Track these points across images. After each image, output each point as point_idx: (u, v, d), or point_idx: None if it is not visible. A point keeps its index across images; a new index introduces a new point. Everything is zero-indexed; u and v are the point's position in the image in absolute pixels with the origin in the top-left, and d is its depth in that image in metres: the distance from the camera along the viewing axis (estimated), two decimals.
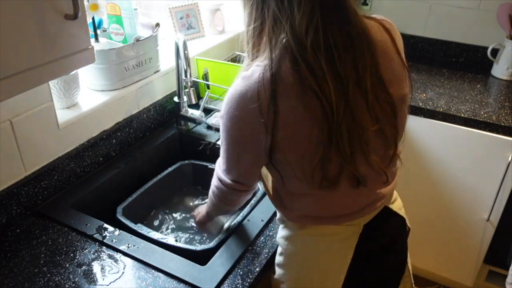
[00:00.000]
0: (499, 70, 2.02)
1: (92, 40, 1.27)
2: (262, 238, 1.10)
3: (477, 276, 2.01)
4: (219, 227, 1.18)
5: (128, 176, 1.38)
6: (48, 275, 0.98)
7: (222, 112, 0.85)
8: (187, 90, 1.47)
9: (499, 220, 1.81)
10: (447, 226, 1.94)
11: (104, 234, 1.09)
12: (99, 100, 1.32)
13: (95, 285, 0.96)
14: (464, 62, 2.17)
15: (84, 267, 1.00)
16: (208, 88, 1.67)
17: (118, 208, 1.20)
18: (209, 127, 1.57)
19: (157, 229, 1.30)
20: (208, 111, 1.63)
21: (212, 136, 1.53)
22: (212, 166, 1.41)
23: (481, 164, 1.75)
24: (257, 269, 1.01)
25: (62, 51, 0.81)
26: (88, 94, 1.34)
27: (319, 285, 0.97)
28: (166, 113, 1.58)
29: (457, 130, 1.73)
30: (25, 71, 0.75)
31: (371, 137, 0.83)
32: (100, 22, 1.44)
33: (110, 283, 0.96)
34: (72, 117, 1.23)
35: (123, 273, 0.99)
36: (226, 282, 0.97)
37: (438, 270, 2.08)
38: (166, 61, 1.56)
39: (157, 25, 1.47)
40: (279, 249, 1.03)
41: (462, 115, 1.71)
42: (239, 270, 1.01)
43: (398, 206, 1.04)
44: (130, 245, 1.06)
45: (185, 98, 1.52)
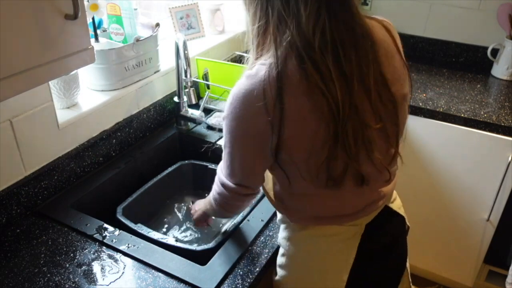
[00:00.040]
0: (499, 70, 2.02)
1: (92, 40, 1.27)
2: (262, 238, 1.10)
3: (477, 276, 2.01)
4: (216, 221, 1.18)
5: (128, 176, 1.38)
6: (48, 275, 0.98)
7: (226, 113, 0.84)
8: (187, 90, 1.47)
9: (499, 220, 1.81)
10: (447, 226, 1.94)
11: (104, 234, 1.09)
12: (99, 100, 1.32)
13: (95, 285, 0.96)
14: (464, 62, 2.17)
15: (84, 267, 1.00)
16: (208, 88, 1.67)
17: (118, 208, 1.20)
18: (209, 127, 1.57)
19: (157, 229, 1.30)
20: (208, 111, 1.63)
21: (212, 136, 1.53)
22: (212, 166, 1.41)
23: (481, 164, 1.75)
24: (257, 269, 1.01)
25: (62, 51, 0.81)
26: (88, 94, 1.34)
27: (322, 286, 0.96)
28: (166, 113, 1.58)
29: (457, 130, 1.73)
30: (25, 71, 0.75)
31: (374, 135, 0.83)
32: (100, 22, 1.44)
33: (110, 283, 0.96)
34: (72, 117, 1.23)
35: (123, 273, 0.99)
36: (226, 282, 0.97)
37: (438, 270, 2.08)
38: (166, 61, 1.56)
39: (157, 25, 1.47)
40: (281, 250, 1.03)
41: (462, 115, 1.71)
42: (239, 270, 1.01)
43: (398, 205, 1.05)
44: (130, 245, 1.06)
45: (185, 98, 1.52)
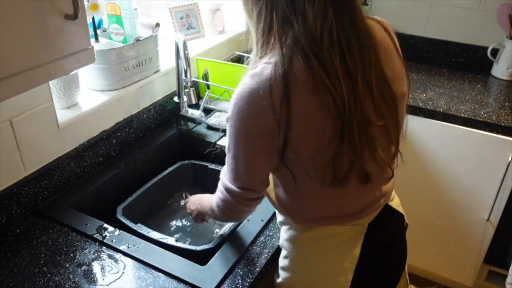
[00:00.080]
0: (499, 70, 2.02)
1: (92, 40, 1.27)
2: (262, 238, 1.10)
3: (477, 276, 2.01)
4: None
5: (128, 176, 1.38)
6: (48, 275, 0.98)
7: (230, 114, 0.82)
8: (187, 90, 1.47)
9: (499, 220, 1.81)
10: (447, 226, 1.94)
11: (104, 234, 1.09)
12: (99, 100, 1.32)
13: (95, 285, 0.96)
14: (464, 62, 2.17)
15: (84, 267, 1.00)
16: (208, 88, 1.67)
17: (118, 208, 1.20)
18: (209, 127, 1.57)
19: (157, 229, 1.30)
20: (208, 111, 1.63)
21: (212, 136, 1.53)
22: (212, 166, 1.41)
23: (481, 164, 1.75)
24: (257, 269, 1.01)
25: (62, 51, 0.81)
26: (88, 94, 1.34)
27: (327, 287, 0.96)
28: (166, 113, 1.58)
29: (457, 130, 1.73)
30: (25, 71, 0.75)
31: (377, 133, 0.84)
32: (100, 22, 1.44)
33: (110, 283, 0.96)
34: (72, 117, 1.23)
35: (123, 273, 0.99)
36: (226, 282, 0.97)
37: (438, 270, 2.08)
38: (166, 61, 1.56)
39: (157, 25, 1.47)
40: (284, 252, 1.02)
41: (462, 115, 1.71)
42: (239, 270, 1.01)
43: (397, 203, 1.05)
44: (130, 245, 1.06)
45: (185, 98, 1.52)
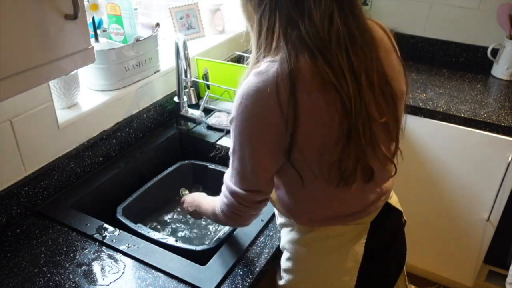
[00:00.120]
0: (499, 70, 2.02)
1: (92, 40, 1.27)
2: (262, 238, 1.10)
3: (477, 276, 2.01)
4: None
5: (128, 176, 1.38)
6: (48, 275, 0.98)
7: (234, 114, 0.81)
8: (187, 90, 1.47)
9: (499, 220, 1.81)
10: (447, 226, 1.94)
11: (104, 234, 1.09)
12: (99, 100, 1.32)
13: (95, 285, 0.96)
14: (464, 62, 2.17)
15: (84, 267, 1.00)
16: (208, 88, 1.67)
17: (118, 208, 1.20)
18: (209, 127, 1.57)
19: (157, 229, 1.30)
20: (208, 111, 1.63)
21: (212, 136, 1.53)
22: (212, 166, 1.41)
23: (481, 164, 1.75)
24: (257, 269, 1.01)
25: (62, 51, 0.81)
26: (88, 94, 1.34)
27: (332, 287, 0.96)
28: (166, 113, 1.58)
29: (457, 130, 1.73)
30: (25, 71, 0.75)
31: (379, 130, 0.84)
32: (100, 22, 1.44)
33: (110, 283, 0.96)
34: (72, 117, 1.23)
35: (123, 273, 0.99)
36: (226, 282, 0.97)
37: (438, 270, 2.08)
38: (166, 61, 1.56)
39: (157, 25, 1.47)
40: (286, 254, 1.01)
41: (462, 115, 1.71)
42: (239, 270, 1.01)
43: (395, 201, 1.06)
44: (130, 245, 1.06)
45: (185, 98, 1.52)
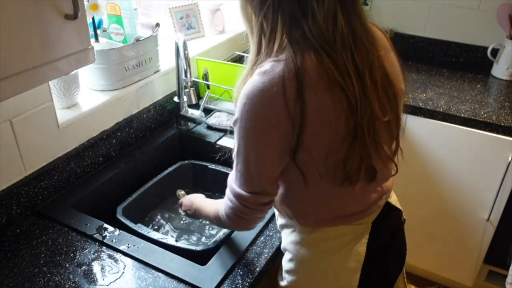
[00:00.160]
0: (499, 70, 2.02)
1: (92, 40, 1.27)
2: (262, 238, 1.10)
3: (477, 276, 2.01)
4: None
5: (128, 176, 1.38)
6: (48, 275, 0.98)
7: (239, 115, 0.80)
8: (187, 90, 1.47)
9: (499, 220, 1.81)
10: (447, 226, 1.94)
11: (104, 234, 1.09)
12: (99, 100, 1.32)
13: (95, 285, 0.96)
14: (464, 62, 2.17)
15: (84, 267, 1.00)
16: (208, 88, 1.67)
17: (118, 208, 1.20)
18: (209, 127, 1.57)
19: (157, 229, 1.30)
20: (208, 111, 1.63)
21: (212, 136, 1.53)
22: (212, 166, 1.41)
23: (481, 164, 1.75)
24: (257, 269, 1.01)
25: (62, 51, 0.81)
26: (88, 94, 1.34)
27: (335, 287, 0.96)
28: (166, 113, 1.58)
29: (457, 130, 1.73)
30: (25, 71, 0.75)
31: (382, 129, 0.84)
32: (100, 22, 1.44)
33: (110, 283, 0.96)
34: (72, 117, 1.23)
35: (123, 273, 0.99)
36: (226, 282, 0.97)
37: (438, 270, 2.08)
38: (166, 61, 1.56)
39: (157, 25, 1.47)
40: (288, 255, 1.00)
41: (462, 115, 1.71)
42: (239, 270, 1.01)
43: (395, 200, 1.06)
44: (130, 245, 1.06)
45: (185, 98, 1.52)
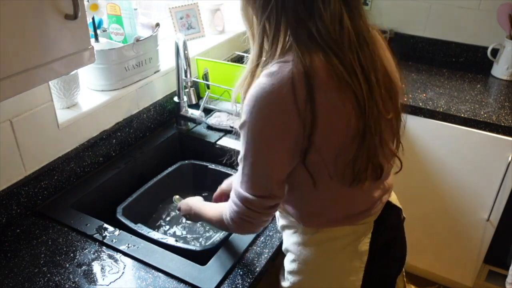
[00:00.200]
0: (499, 70, 2.03)
1: (92, 40, 1.27)
2: (262, 238, 1.10)
3: (477, 276, 2.01)
4: None
5: (128, 176, 1.38)
6: (48, 275, 0.98)
7: (247, 117, 0.78)
8: (187, 90, 1.47)
9: (499, 220, 1.81)
10: (447, 226, 1.94)
11: (104, 234, 1.09)
12: (99, 100, 1.32)
13: (95, 285, 0.96)
14: (464, 62, 2.17)
15: (84, 267, 1.00)
16: (208, 88, 1.67)
17: (118, 208, 1.20)
18: (209, 127, 1.57)
19: (157, 229, 1.30)
20: (208, 111, 1.63)
21: (212, 136, 1.53)
22: (212, 166, 1.41)
23: (481, 164, 1.75)
24: (257, 269, 1.01)
25: (62, 51, 0.81)
26: (88, 94, 1.34)
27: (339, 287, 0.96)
28: (166, 113, 1.58)
29: (457, 130, 1.73)
30: (25, 71, 0.75)
31: (386, 127, 0.84)
32: (100, 22, 1.44)
33: (110, 283, 0.96)
34: (72, 117, 1.23)
35: (123, 273, 0.99)
36: (226, 282, 0.97)
37: (438, 270, 2.08)
38: (166, 61, 1.56)
39: (157, 25, 1.47)
40: (291, 256, 1.00)
41: (462, 115, 1.71)
42: (239, 270, 1.01)
43: (394, 198, 1.06)
44: (130, 245, 1.06)
45: (185, 98, 1.52)
